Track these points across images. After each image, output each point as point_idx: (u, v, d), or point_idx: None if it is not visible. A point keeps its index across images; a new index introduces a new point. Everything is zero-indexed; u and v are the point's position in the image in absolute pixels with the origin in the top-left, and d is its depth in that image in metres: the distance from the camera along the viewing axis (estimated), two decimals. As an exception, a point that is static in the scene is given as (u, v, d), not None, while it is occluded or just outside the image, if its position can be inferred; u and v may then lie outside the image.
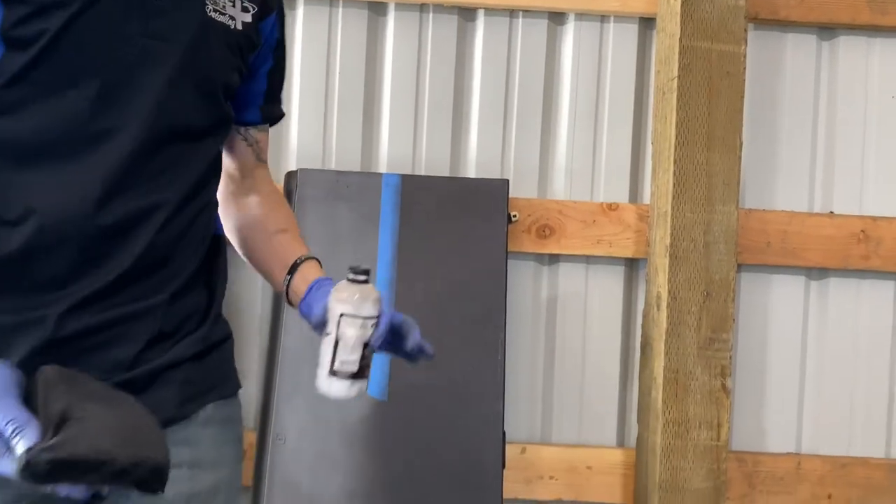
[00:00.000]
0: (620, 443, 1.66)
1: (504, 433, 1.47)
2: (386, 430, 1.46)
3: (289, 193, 1.57)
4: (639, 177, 1.67)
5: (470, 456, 1.46)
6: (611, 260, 1.66)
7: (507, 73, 1.66)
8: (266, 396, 1.50)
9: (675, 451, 1.47)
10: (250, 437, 1.57)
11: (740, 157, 1.49)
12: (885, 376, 1.67)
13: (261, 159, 1.00)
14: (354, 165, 1.64)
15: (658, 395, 1.49)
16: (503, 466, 1.46)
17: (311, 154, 1.64)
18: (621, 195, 1.66)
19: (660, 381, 1.49)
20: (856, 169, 1.66)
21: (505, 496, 1.52)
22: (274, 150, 1.64)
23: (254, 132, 0.97)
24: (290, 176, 1.58)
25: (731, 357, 1.49)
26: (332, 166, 1.65)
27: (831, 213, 1.65)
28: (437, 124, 1.65)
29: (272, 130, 1.66)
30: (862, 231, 1.62)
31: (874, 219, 1.63)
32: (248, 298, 1.64)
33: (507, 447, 1.51)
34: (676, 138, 1.47)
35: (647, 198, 1.65)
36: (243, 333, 1.63)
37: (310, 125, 1.64)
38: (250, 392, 1.63)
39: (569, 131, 1.66)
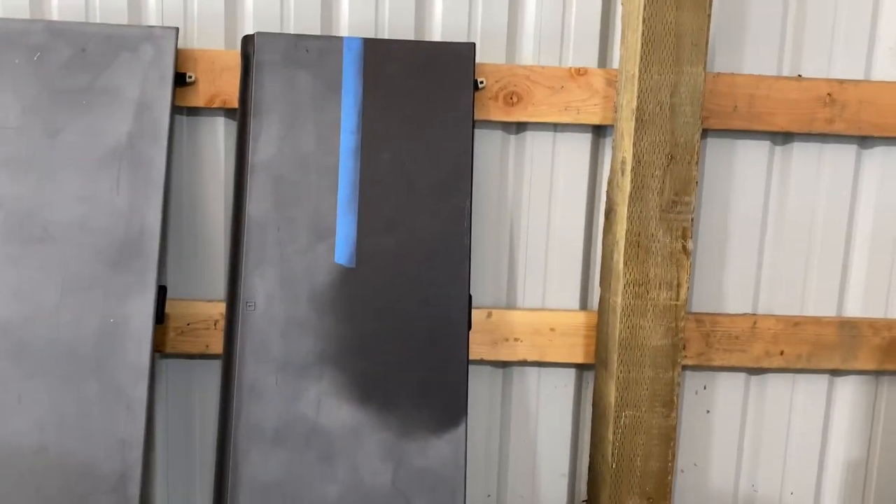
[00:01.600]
0: (583, 306, 1.71)
1: (470, 297, 1.50)
2: (354, 295, 1.49)
3: (246, 58, 1.52)
4: (608, 42, 1.63)
5: (436, 319, 1.49)
6: (578, 127, 1.65)
7: (472, -71, 1.58)
8: (233, 264, 1.51)
9: (636, 310, 1.52)
10: (220, 307, 1.60)
11: (710, 17, 1.45)
12: (840, 239, 1.72)
13: None
14: (314, 28, 1.58)
15: (620, 257, 1.52)
16: (469, 328, 1.50)
17: (268, 16, 1.58)
18: (590, 60, 1.63)
19: (622, 244, 1.51)
20: (826, 30, 1.64)
21: (471, 357, 1.58)
22: (229, 13, 1.57)
23: None
24: (247, 40, 1.52)
25: (692, 220, 1.52)
26: (291, 29, 1.58)
27: (799, 76, 1.64)
28: (399, -15, 1.58)
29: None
30: (828, 94, 1.62)
31: (840, 82, 1.62)
32: (211, 165, 1.61)
33: (473, 312, 1.56)
34: (646, -4, 1.43)
35: (615, 63, 1.62)
36: (209, 201, 1.62)
37: (266, -14, 1.57)
38: (218, 261, 1.64)
39: (537, -7, 1.60)
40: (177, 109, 1.54)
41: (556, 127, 1.65)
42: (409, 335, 1.48)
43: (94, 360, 1.45)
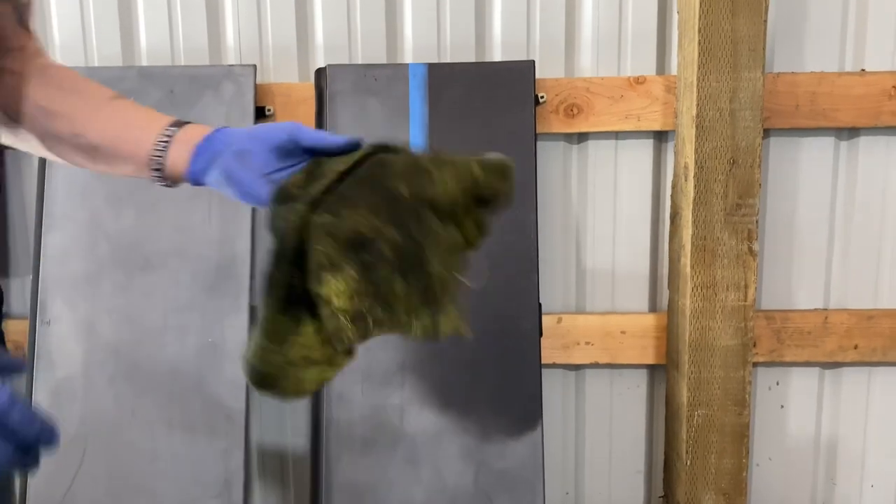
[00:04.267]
0: (652, 308, 1.75)
1: (540, 305, 1.57)
2: (430, 308, 1.58)
3: (319, 90, 1.62)
4: (666, 48, 1.66)
5: (509, 328, 1.56)
6: (639, 134, 1.68)
7: (527, -50, 1.64)
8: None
9: (704, 312, 1.56)
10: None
11: (766, 22, 1.47)
12: (913, 231, 1.70)
13: (24, 23, 0.79)
14: (380, 58, 1.67)
15: (687, 261, 1.56)
16: (540, 335, 1.57)
17: (337, 47, 1.67)
18: (648, 68, 1.66)
19: (688, 248, 1.55)
20: (889, 23, 1.62)
21: (544, 362, 1.64)
22: (301, 47, 1.68)
23: None
24: (320, 72, 1.62)
25: (757, 221, 1.54)
26: (359, 58, 1.68)
27: (863, 70, 1.64)
28: (459, 8, 1.65)
29: (297, 29, 1.69)
30: (894, 87, 1.60)
31: (907, 73, 1.61)
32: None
33: (544, 318, 1.62)
34: (701, 6, 1.46)
35: (674, 69, 1.65)
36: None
37: (334, 20, 1.66)
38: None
39: (594, 5, 1.64)
40: (258, 141, 1.66)
41: (618, 135, 1.69)
42: (484, 344, 1.56)
43: (196, 376, 1.58)
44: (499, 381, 1.56)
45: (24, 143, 0.77)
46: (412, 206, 0.69)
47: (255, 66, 1.62)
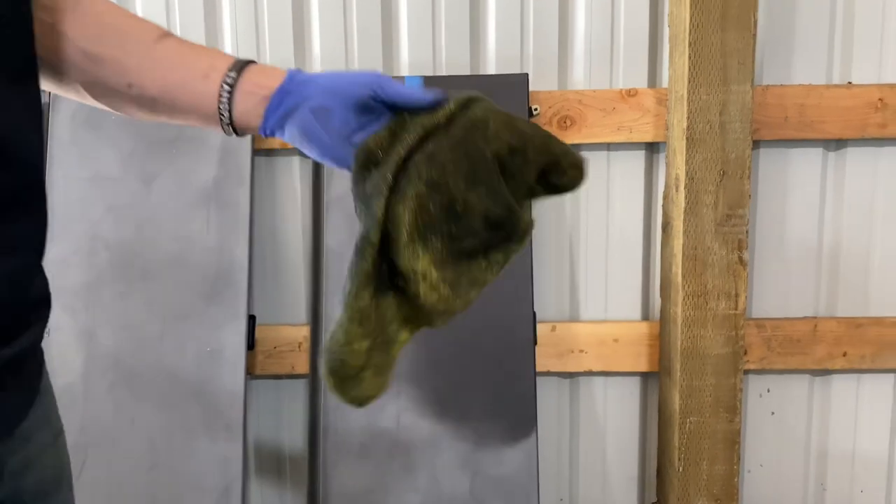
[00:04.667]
0: (645, 317, 1.78)
1: (534, 314, 1.59)
2: (426, 317, 1.60)
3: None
4: (657, 61, 1.69)
5: (504, 336, 1.59)
6: (631, 145, 1.72)
7: (521, -35, 1.67)
8: (315, 291, 1.64)
9: (696, 320, 1.58)
10: (303, 331, 1.73)
11: (755, 36, 1.50)
12: (900, 240, 1.74)
13: None
14: (377, 69, 1.70)
15: (678, 270, 1.59)
16: (535, 343, 1.59)
17: (334, 59, 1.70)
18: (640, 81, 1.69)
19: (679, 257, 1.58)
20: (875, 37, 1.66)
21: (539, 370, 1.67)
22: (298, 58, 1.70)
23: None
24: (318, 85, 1.64)
25: (747, 231, 1.57)
26: (357, 72, 1.70)
27: (849, 83, 1.67)
28: (454, 23, 1.68)
29: (295, 44, 1.72)
30: (880, 99, 1.64)
31: (892, 86, 1.64)
32: (289, 201, 1.75)
33: (539, 326, 1.64)
34: (691, 20, 1.49)
35: (665, 82, 1.68)
36: (289, 235, 1.76)
37: (331, 34, 1.69)
38: (300, 289, 1.77)
39: (586, 19, 1.68)
40: (256, 152, 1.68)
41: (610, 146, 1.72)
42: (479, 352, 1.58)
43: (194, 384, 1.60)
44: (494, 389, 1.59)
45: (72, 93, 0.68)
46: (500, 174, 0.63)
47: (253, 78, 1.65)
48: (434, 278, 0.62)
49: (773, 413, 1.81)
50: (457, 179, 0.62)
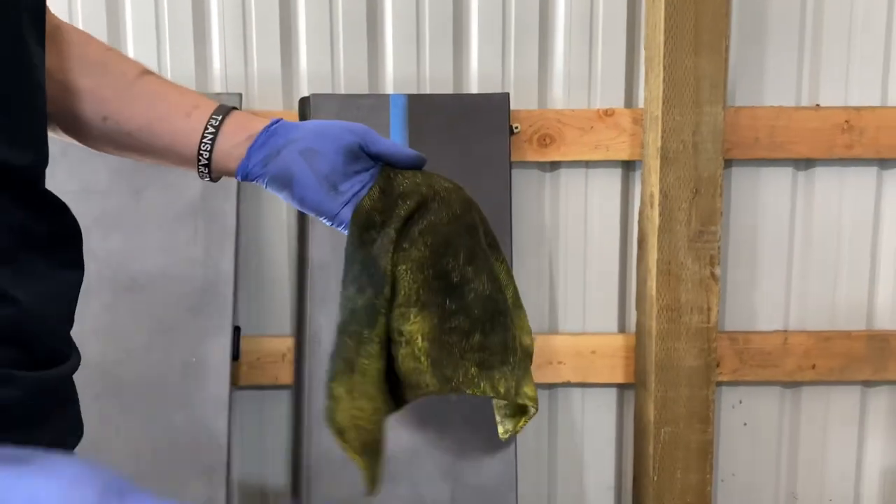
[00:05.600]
0: (621, 329, 1.83)
1: (514, 326, 1.63)
2: (408, 328, 1.64)
3: (303, 119, 1.69)
4: (633, 83, 1.75)
5: (485, 347, 1.63)
6: (608, 163, 1.77)
7: (503, -12, 1.73)
8: (300, 303, 1.67)
9: (670, 334, 1.63)
10: (287, 342, 1.76)
11: (727, 60, 1.57)
12: (866, 256, 1.80)
13: None
14: (362, 88, 1.74)
15: (653, 284, 1.64)
16: (515, 355, 1.63)
17: (321, 76, 1.74)
18: (616, 101, 1.75)
19: (654, 272, 1.63)
20: (841, 61, 1.73)
21: (518, 381, 1.70)
22: (286, 76, 1.74)
23: None
24: (304, 101, 1.68)
25: (719, 247, 1.62)
26: (342, 90, 1.75)
27: (817, 105, 1.74)
28: (438, 43, 1.73)
29: (283, 59, 1.75)
30: (846, 121, 1.71)
31: (857, 109, 1.71)
32: (274, 214, 1.78)
33: (519, 338, 1.68)
34: (665, 45, 1.55)
35: (641, 102, 1.74)
36: (275, 248, 1.79)
37: (318, 51, 1.73)
38: (284, 300, 1.80)
39: (565, 41, 1.73)
40: (244, 166, 1.71)
41: (588, 164, 1.78)
42: (461, 364, 1.62)
43: (180, 395, 1.62)
44: (475, 400, 1.62)
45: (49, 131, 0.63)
46: (489, 251, 0.65)
47: (240, 94, 1.69)
48: (418, 346, 0.62)
49: (745, 424, 1.86)
50: (458, 251, 0.63)
